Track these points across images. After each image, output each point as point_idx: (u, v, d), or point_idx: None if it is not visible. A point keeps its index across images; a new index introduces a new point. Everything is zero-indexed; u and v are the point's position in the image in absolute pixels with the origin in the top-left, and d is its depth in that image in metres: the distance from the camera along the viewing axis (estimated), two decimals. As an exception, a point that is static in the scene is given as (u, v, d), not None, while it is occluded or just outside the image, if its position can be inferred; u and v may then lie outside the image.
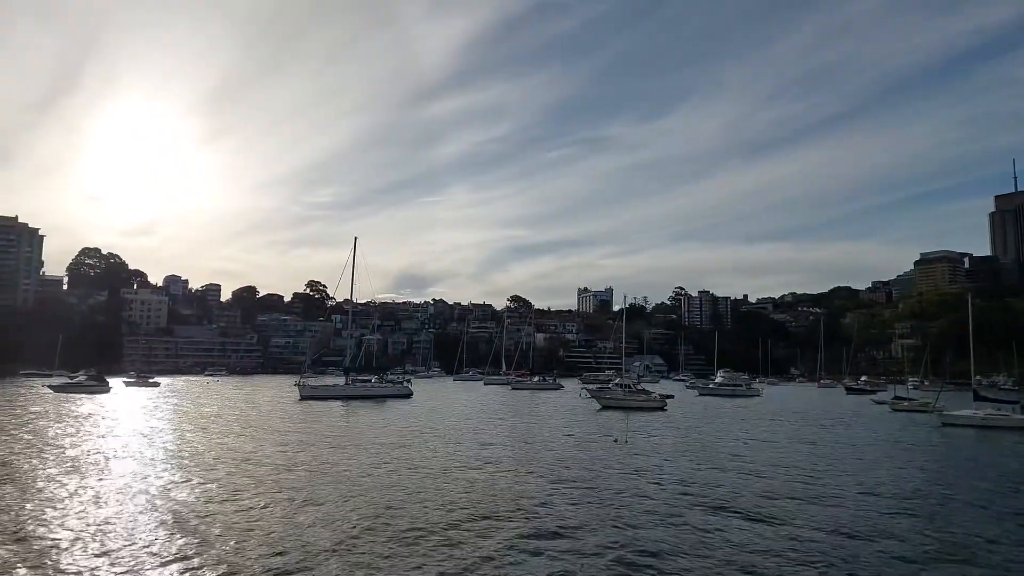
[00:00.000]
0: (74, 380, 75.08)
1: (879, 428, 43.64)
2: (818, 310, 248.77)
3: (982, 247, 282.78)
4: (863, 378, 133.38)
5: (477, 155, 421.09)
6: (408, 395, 68.12)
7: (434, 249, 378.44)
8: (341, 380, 72.39)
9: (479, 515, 15.63)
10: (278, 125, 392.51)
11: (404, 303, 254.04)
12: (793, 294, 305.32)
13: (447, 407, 57.33)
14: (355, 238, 73.56)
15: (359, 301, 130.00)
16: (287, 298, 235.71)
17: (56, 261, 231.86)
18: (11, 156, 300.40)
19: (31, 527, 13.80)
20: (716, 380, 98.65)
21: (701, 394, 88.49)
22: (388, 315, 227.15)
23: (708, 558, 12.55)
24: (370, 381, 71.98)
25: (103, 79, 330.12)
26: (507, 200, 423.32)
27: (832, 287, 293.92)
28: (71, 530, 13.61)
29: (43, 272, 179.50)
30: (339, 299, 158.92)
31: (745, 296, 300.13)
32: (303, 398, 63.21)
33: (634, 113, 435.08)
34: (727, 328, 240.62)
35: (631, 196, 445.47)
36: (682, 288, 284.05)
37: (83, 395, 65.06)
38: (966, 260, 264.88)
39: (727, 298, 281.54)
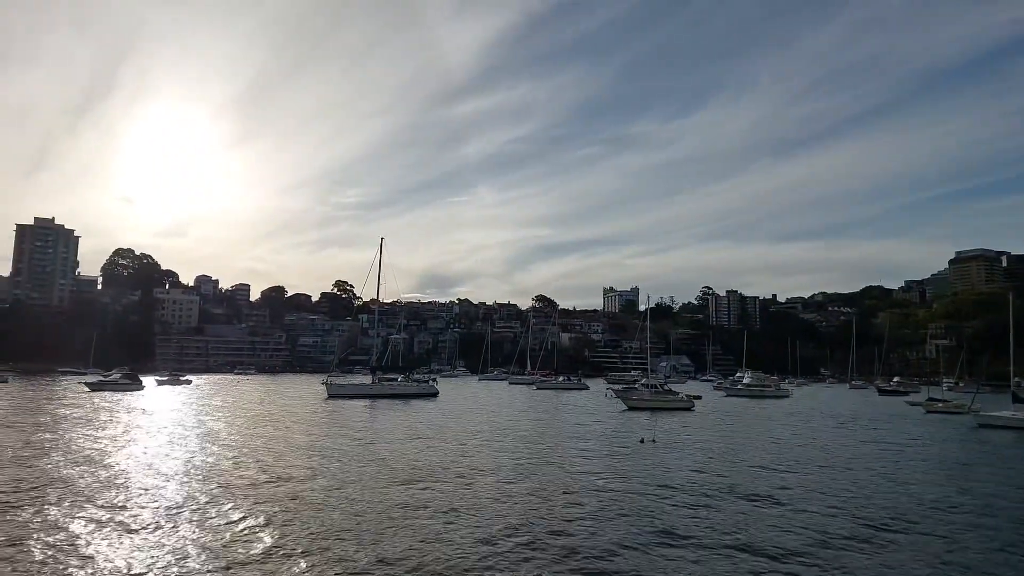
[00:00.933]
0: (109, 378, 76.81)
1: (913, 430, 42.73)
2: (849, 310, 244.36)
3: (1020, 245, 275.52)
4: (895, 379, 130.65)
5: (503, 155, 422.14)
6: (434, 394, 68.49)
7: (459, 249, 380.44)
8: (368, 379, 73.07)
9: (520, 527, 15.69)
10: (306, 127, 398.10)
11: (429, 303, 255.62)
12: (823, 293, 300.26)
13: (473, 407, 57.49)
14: (381, 238, 74.27)
15: (385, 301, 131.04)
16: (315, 298, 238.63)
17: (91, 262, 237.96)
18: (49, 160, 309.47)
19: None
20: (744, 381, 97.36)
21: (729, 395, 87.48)
22: (414, 315, 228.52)
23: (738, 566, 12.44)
24: (396, 380, 72.54)
25: (137, 84, 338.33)
26: (532, 199, 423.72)
27: (864, 286, 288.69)
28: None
29: (78, 272, 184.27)
30: (366, 299, 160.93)
31: (774, 296, 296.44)
32: (331, 396, 64.01)
33: (661, 111, 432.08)
34: (755, 328, 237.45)
35: (658, 195, 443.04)
36: (709, 288, 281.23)
37: (118, 393, 66.58)
38: (1003, 258, 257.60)
39: (756, 298, 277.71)
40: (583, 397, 76.14)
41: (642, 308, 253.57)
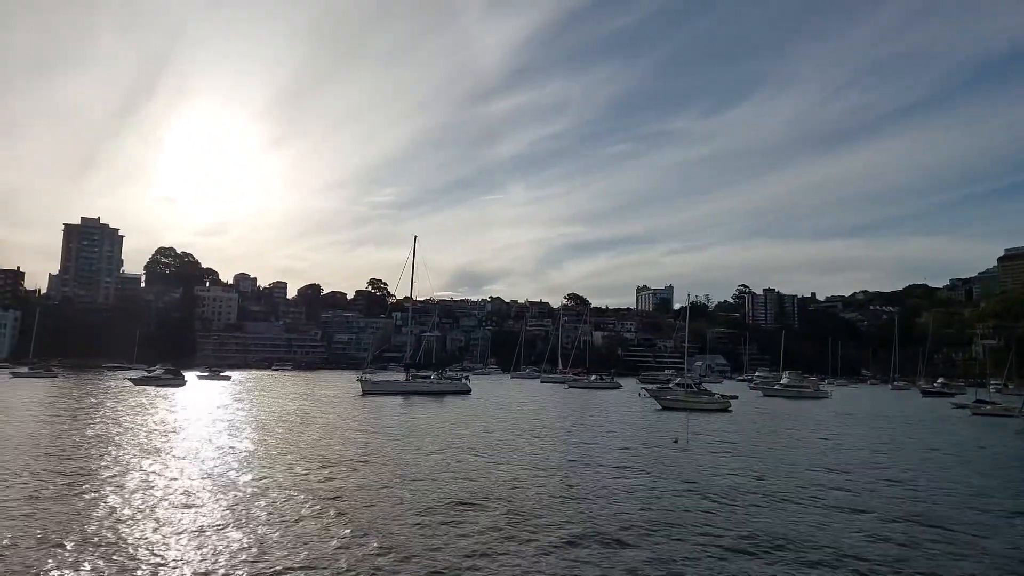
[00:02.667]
0: (152, 374, 79.00)
1: (960, 432, 41.34)
2: (891, 309, 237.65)
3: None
4: (940, 380, 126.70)
5: (536, 152, 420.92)
6: (466, 392, 68.77)
7: (491, 247, 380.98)
8: (402, 376, 73.76)
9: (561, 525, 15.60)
10: (342, 128, 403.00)
11: (462, 301, 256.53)
12: (865, 292, 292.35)
13: (506, 405, 57.52)
14: (415, 237, 74.80)
15: (418, 299, 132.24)
16: (350, 295, 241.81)
17: (134, 260, 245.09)
18: (96, 161, 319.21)
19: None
20: (782, 381, 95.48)
21: (766, 395, 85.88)
22: (446, 312, 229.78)
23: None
24: (429, 377, 73.05)
25: (178, 87, 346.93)
26: (565, 197, 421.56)
27: (907, 285, 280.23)
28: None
29: (123, 270, 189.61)
30: (399, 296, 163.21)
31: (813, 294, 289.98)
32: (365, 393, 64.80)
33: (699, 106, 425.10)
34: (794, 328, 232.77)
35: (694, 191, 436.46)
36: (746, 286, 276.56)
37: (161, 388, 68.45)
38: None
39: (794, 296, 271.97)
40: (616, 396, 75.58)
41: (676, 307, 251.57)
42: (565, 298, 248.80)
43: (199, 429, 32.18)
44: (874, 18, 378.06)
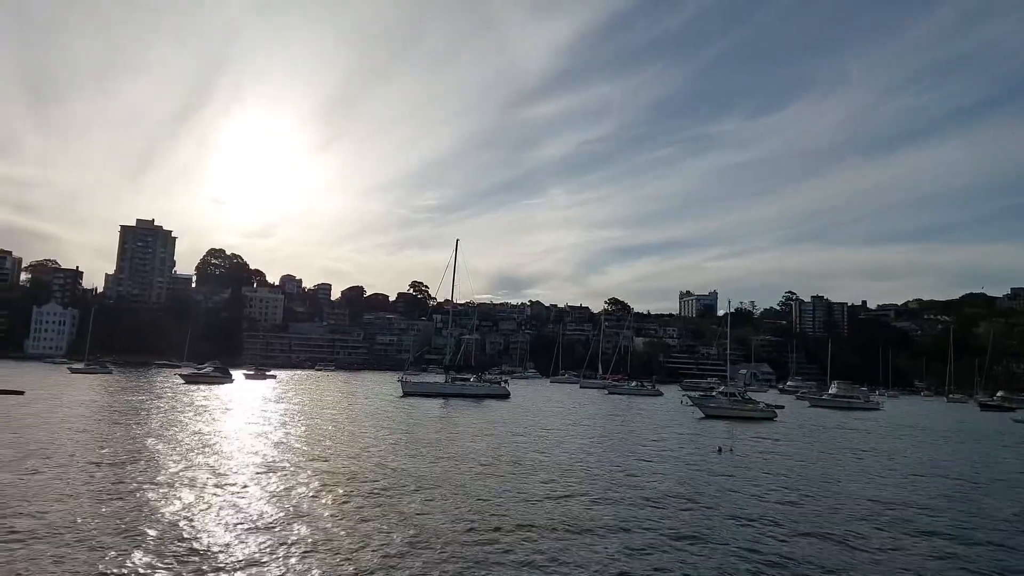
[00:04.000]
0: (202, 371, 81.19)
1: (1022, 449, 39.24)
2: (947, 318, 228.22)
3: None
4: (999, 393, 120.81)
5: (578, 156, 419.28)
6: (505, 395, 68.58)
7: (532, 251, 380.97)
8: (441, 378, 74.13)
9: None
10: (386, 132, 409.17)
11: (502, 304, 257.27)
12: (919, 300, 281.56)
13: (545, 410, 57.13)
14: (456, 240, 75.20)
15: (459, 301, 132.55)
16: (392, 297, 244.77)
17: (186, 260, 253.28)
18: (151, 164, 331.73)
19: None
20: (830, 391, 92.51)
21: (813, 405, 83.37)
22: (486, 316, 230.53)
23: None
24: (468, 380, 73.19)
25: (230, 93, 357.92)
26: (608, 201, 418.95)
27: (964, 293, 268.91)
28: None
29: (175, 271, 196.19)
30: (440, 299, 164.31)
31: (864, 302, 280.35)
32: (405, 394, 65.35)
33: (745, 109, 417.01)
34: (843, 336, 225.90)
35: (740, 195, 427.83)
36: (793, 293, 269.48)
37: (210, 385, 70.31)
38: None
39: (843, 304, 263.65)
40: (657, 403, 74.38)
41: (721, 313, 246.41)
42: (606, 303, 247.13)
43: (248, 425, 33.11)
44: (929, 18, 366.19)
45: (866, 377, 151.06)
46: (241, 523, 14.01)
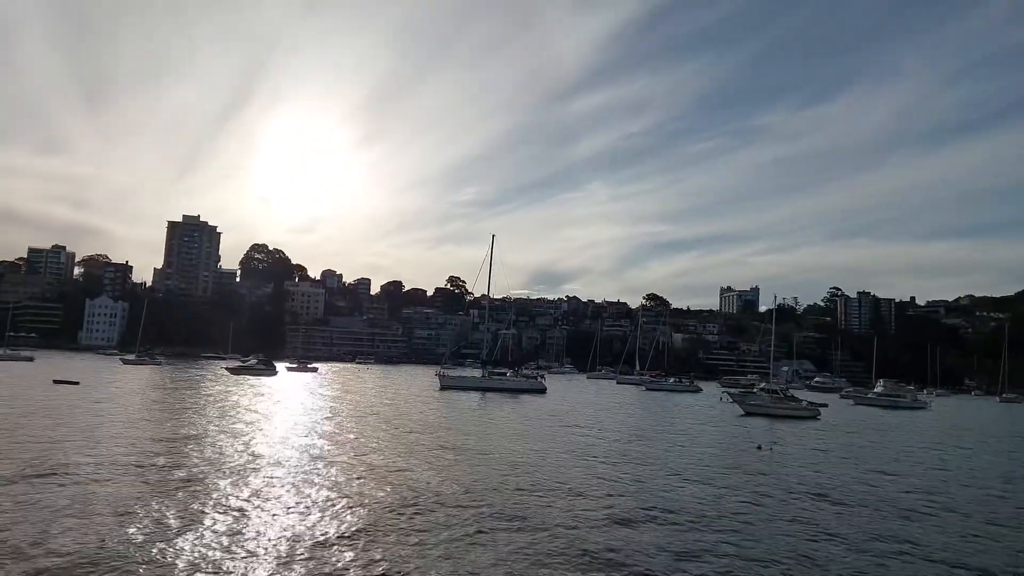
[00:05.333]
0: (246, 364, 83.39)
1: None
2: (1000, 315, 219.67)
3: None
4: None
5: (617, 150, 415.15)
6: (542, 391, 68.65)
7: (570, 246, 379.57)
8: (478, 372, 74.68)
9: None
10: (426, 128, 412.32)
11: (538, 299, 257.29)
12: (971, 297, 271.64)
13: (583, 405, 57.08)
14: (492, 236, 75.59)
15: (496, 296, 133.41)
16: (430, 292, 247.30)
17: (230, 256, 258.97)
18: (197, 162, 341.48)
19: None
20: (876, 389, 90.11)
21: (857, 403, 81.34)
22: (523, 311, 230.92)
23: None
24: (505, 375, 73.48)
25: (273, 92, 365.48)
26: (648, 195, 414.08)
27: (1019, 290, 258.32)
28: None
29: (219, 265, 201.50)
30: (477, 294, 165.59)
31: (912, 298, 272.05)
32: (443, 387, 66.02)
33: (792, 101, 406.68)
34: (890, 333, 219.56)
35: (785, 190, 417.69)
36: (838, 289, 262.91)
37: (255, 377, 72.16)
38: None
39: (891, 300, 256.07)
40: (695, 400, 73.53)
41: (763, 309, 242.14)
42: (644, 298, 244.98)
43: (297, 417, 34.06)
44: (984, 8, 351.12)
45: (914, 375, 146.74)
46: (298, 513, 14.41)
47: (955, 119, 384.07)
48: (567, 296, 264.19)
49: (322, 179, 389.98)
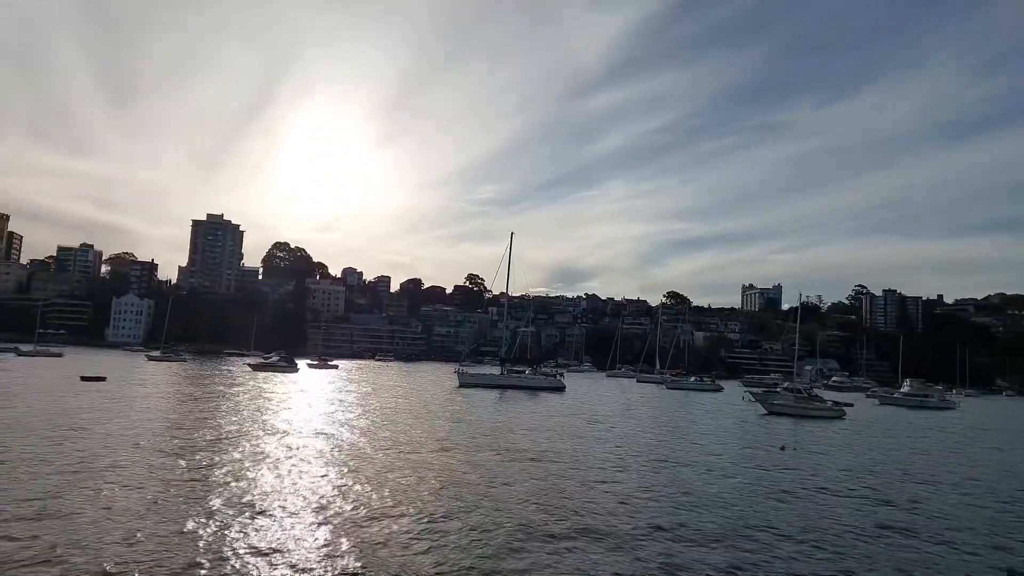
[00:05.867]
0: (268, 361, 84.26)
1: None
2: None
3: None
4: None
5: (637, 147, 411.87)
6: (561, 388, 68.36)
7: (589, 243, 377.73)
8: (497, 370, 74.53)
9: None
10: (445, 127, 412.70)
11: (557, 297, 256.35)
12: (1002, 295, 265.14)
13: (602, 403, 56.73)
14: (511, 233, 75.40)
15: (514, 294, 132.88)
16: (449, 290, 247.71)
17: (253, 254, 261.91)
18: (222, 160, 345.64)
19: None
20: (903, 389, 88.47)
21: (883, 403, 79.93)
22: (542, 308, 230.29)
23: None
24: (524, 372, 73.32)
25: (296, 92, 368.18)
26: (667, 192, 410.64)
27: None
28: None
29: (242, 263, 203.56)
30: (496, 292, 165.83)
31: (940, 296, 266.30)
32: (462, 385, 66.04)
33: (816, 95, 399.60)
34: (916, 332, 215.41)
35: (808, 186, 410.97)
36: (863, 286, 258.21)
37: (277, 374, 72.84)
38: None
39: (918, 298, 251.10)
40: (717, 399, 72.77)
41: (785, 307, 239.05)
42: (664, 296, 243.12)
43: (320, 412, 34.35)
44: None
45: (942, 375, 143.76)
46: (321, 504, 14.41)
47: (983, 112, 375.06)
48: (586, 294, 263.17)
49: (343, 178, 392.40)
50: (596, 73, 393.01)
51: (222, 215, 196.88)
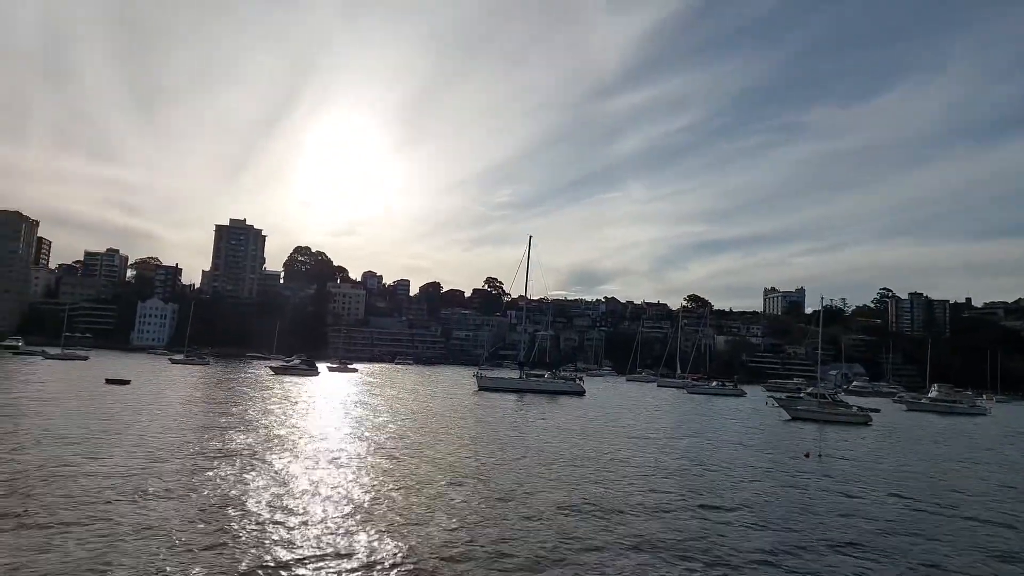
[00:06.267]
0: (290, 364, 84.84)
1: None
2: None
3: None
4: None
5: (657, 149, 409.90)
6: (580, 393, 67.90)
7: (608, 246, 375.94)
8: (515, 373, 74.30)
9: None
10: (463, 131, 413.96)
11: (576, 300, 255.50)
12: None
13: (622, 408, 56.20)
14: (529, 237, 75.23)
15: (532, 298, 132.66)
16: (467, 293, 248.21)
17: (275, 258, 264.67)
18: (244, 166, 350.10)
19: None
20: (930, 395, 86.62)
21: (911, 409, 78.29)
22: (560, 312, 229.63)
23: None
24: (543, 376, 72.96)
25: (316, 98, 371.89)
26: (688, 194, 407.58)
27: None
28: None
29: (264, 268, 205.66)
30: (514, 295, 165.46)
31: (968, 300, 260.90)
32: (481, 388, 65.85)
33: (839, 96, 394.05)
34: (944, 336, 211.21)
35: (831, 188, 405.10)
36: (889, 290, 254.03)
37: (298, 377, 73.29)
38: None
39: (945, 302, 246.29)
40: (739, 404, 71.75)
41: (808, 310, 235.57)
42: (685, 299, 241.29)
43: (344, 415, 34.53)
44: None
45: (971, 380, 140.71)
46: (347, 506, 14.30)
47: (1012, 112, 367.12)
48: (605, 297, 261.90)
49: (362, 182, 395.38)
50: (616, 75, 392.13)
51: (244, 220, 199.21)
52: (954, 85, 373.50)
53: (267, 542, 11.85)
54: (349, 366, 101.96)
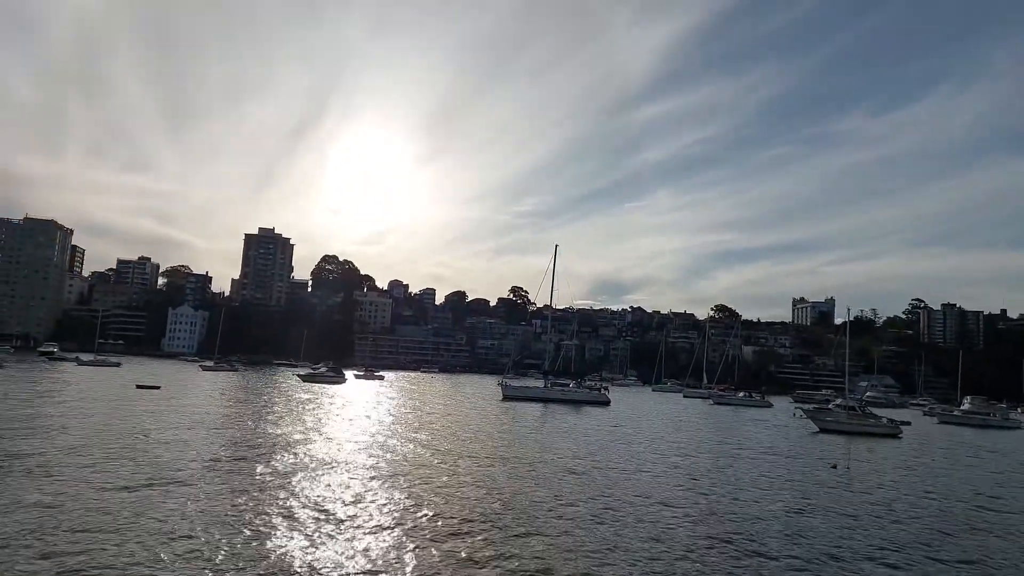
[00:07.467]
0: (317, 371, 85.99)
1: None
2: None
3: None
4: None
5: (683, 158, 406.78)
6: (606, 403, 67.74)
7: (633, 255, 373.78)
8: (540, 383, 74.36)
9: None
10: (488, 141, 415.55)
11: (601, 310, 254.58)
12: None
13: (648, 418, 56.01)
14: (555, 246, 75.40)
15: (557, 307, 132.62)
16: (492, 302, 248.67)
17: (303, 267, 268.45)
18: (273, 178, 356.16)
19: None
20: (963, 407, 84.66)
21: (943, 422, 76.65)
22: (586, 321, 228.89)
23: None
24: (568, 385, 72.92)
25: (343, 110, 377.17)
26: (715, 203, 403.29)
27: None
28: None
29: (292, 276, 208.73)
30: (539, 304, 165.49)
31: (1003, 311, 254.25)
32: (505, 397, 66.06)
33: (871, 104, 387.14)
34: (978, 347, 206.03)
35: (862, 196, 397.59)
36: (921, 300, 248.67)
37: (325, 384, 74.28)
38: None
39: (979, 312, 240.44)
40: (766, 415, 70.92)
41: (838, 321, 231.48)
42: (712, 309, 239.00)
43: (374, 422, 35.16)
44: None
45: (1005, 393, 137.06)
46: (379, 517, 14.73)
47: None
48: (631, 306, 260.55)
49: (389, 192, 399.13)
50: (642, 85, 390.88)
51: (273, 229, 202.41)
52: (990, 93, 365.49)
53: (301, 552, 12.08)
54: (376, 374, 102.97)
